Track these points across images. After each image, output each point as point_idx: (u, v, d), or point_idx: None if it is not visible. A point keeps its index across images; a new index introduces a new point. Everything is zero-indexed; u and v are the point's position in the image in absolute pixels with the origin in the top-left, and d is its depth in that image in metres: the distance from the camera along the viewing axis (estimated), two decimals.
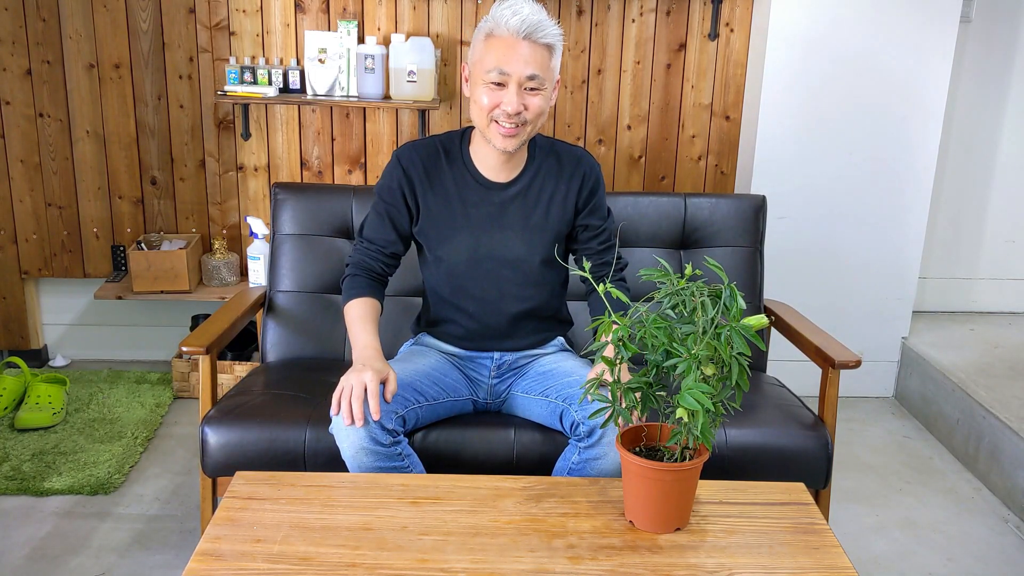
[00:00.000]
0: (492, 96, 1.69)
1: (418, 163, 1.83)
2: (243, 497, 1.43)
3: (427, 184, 1.83)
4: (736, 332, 1.26)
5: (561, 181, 1.86)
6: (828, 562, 1.31)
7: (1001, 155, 3.30)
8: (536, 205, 1.85)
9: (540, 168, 1.86)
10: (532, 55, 1.67)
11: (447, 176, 1.84)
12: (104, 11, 2.88)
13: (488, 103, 1.70)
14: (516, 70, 1.67)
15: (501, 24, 1.66)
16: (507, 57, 1.67)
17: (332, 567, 1.25)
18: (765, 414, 2.01)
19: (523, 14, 1.66)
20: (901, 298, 3.11)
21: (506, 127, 1.71)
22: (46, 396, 2.72)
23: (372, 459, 1.63)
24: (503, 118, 1.70)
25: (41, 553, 2.07)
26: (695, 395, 1.25)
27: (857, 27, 2.83)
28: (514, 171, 1.85)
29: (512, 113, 1.69)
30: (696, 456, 1.36)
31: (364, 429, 1.61)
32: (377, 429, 1.62)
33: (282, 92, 2.89)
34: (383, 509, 1.41)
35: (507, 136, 1.72)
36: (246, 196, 3.08)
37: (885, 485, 2.58)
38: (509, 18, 1.66)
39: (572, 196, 1.87)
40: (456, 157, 1.85)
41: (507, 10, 1.67)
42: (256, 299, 2.30)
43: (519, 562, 1.28)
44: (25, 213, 3.05)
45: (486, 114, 1.72)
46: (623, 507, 1.42)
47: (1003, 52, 3.18)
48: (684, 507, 1.38)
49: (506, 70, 1.67)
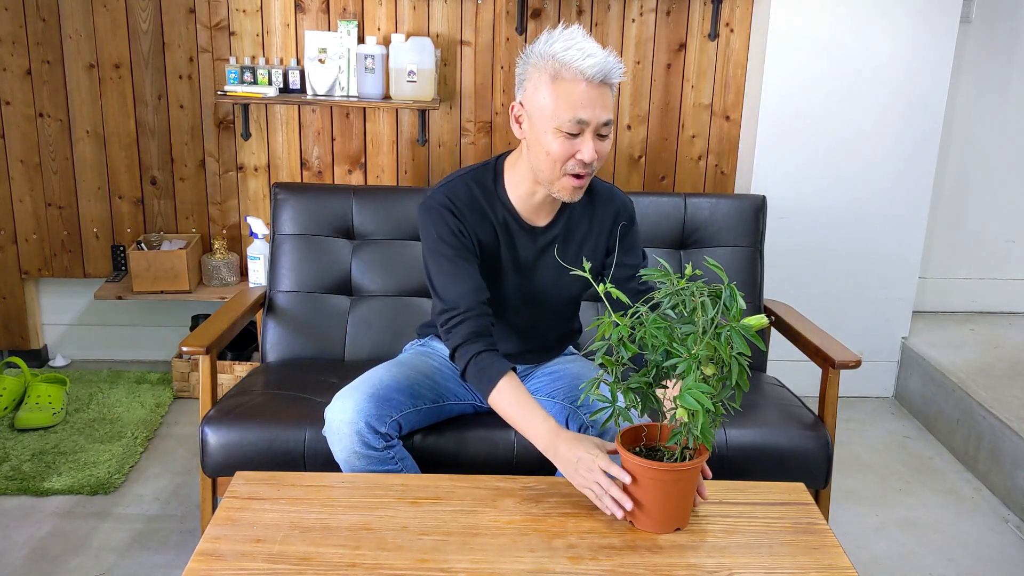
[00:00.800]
0: (566, 146, 1.55)
1: (461, 203, 1.68)
2: (243, 497, 1.43)
3: (476, 222, 1.70)
4: (736, 332, 1.25)
5: (595, 221, 1.79)
6: (828, 562, 1.31)
7: (1001, 155, 3.30)
8: (570, 246, 1.77)
9: (575, 209, 1.76)
10: (606, 99, 1.54)
11: (490, 216, 1.71)
12: (104, 11, 2.88)
13: (562, 153, 1.55)
14: (594, 117, 1.53)
15: (572, 67, 1.51)
16: (584, 104, 1.52)
17: (332, 567, 1.25)
18: (765, 414, 2.01)
19: (597, 56, 1.51)
20: (901, 298, 3.11)
21: (581, 177, 1.58)
22: (46, 396, 2.72)
23: (364, 463, 1.63)
24: (578, 168, 1.57)
25: (41, 553, 2.07)
26: (695, 395, 1.24)
27: (857, 27, 2.83)
28: (551, 213, 1.75)
29: (588, 162, 1.56)
30: (696, 456, 1.36)
31: (356, 433, 1.61)
32: (369, 433, 1.61)
33: (282, 92, 2.89)
34: (383, 509, 1.41)
35: (578, 188, 1.60)
36: (246, 196, 3.08)
37: (885, 485, 2.58)
38: (581, 61, 1.50)
39: (604, 235, 1.80)
40: (494, 198, 1.71)
41: (576, 51, 1.51)
42: (256, 299, 2.30)
43: (519, 562, 1.28)
44: (25, 213, 3.05)
45: (559, 165, 1.57)
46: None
47: (1003, 52, 3.18)
48: (684, 508, 1.38)
49: (584, 118, 1.52)
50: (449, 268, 1.64)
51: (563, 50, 1.52)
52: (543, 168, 1.59)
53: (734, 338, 1.25)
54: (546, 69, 1.53)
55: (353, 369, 2.20)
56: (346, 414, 1.62)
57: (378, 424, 1.62)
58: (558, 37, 1.54)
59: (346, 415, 1.62)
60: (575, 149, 1.55)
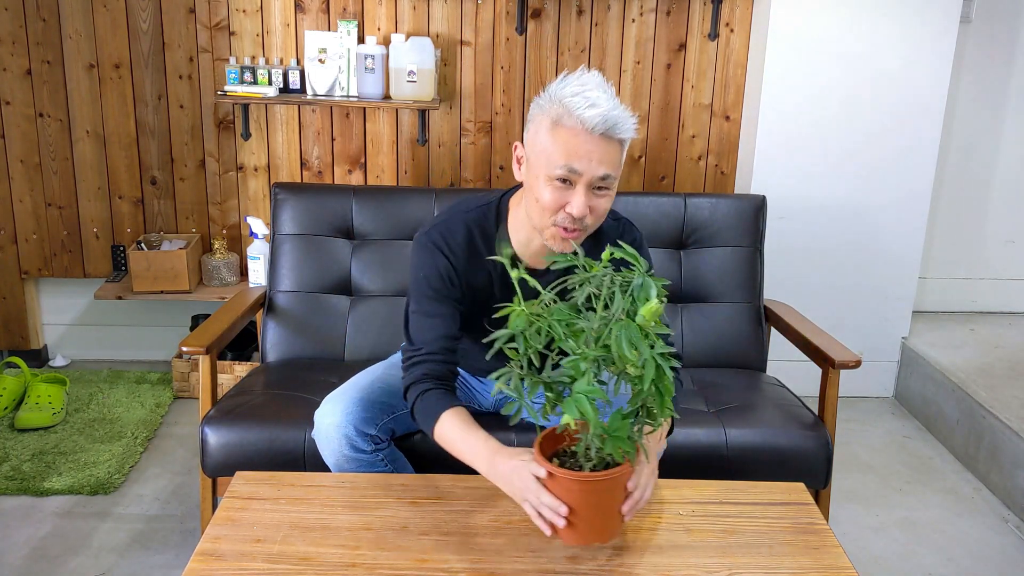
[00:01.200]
0: (557, 195, 1.46)
1: (457, 246, 1.62)
2: (243, 497, 1.43)
3: (470, 268, 1.64)
4: (627, 328, 1.06)
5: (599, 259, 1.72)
6: (828, 562, 1.31)
7: (1001, 155, 3.30)
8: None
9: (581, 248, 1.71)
10: (606, 154, 1.44)
11: (486, 263, 1.64)
12: (104, 11, 2.88)
13: (552, 203, 1.47)
14: (588, 170, 1.44)
15: (574, 114, 1.42)
16: (578, 154, 1.43)
17: (332, 567, 1.25)
18: (765, 414, 2.01)
19: (602, 107, 1.41)
20: (901, 298, 3.11)
21: (567, 230, 1.50)
22: (46, 396, 2.72)
23: (354, 465, 1.63)
24: (567, 222, 1.49)
25: (41, 553, 2.07)
26: (580, 404, 1.07)
27: (857, 27, 2.83)
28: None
29: (578, 217, 1.47)
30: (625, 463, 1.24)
31: (344, 437, 1.61)
32: (357, 436, 1.61)
33: (282, 92, 2.89)
34: (383, 509, 1.41)
35: (566, 240, 1.51)
36: (246, 196, 3.08)
37: (885, 485, 2.58)
38: (583, 110, 1.41)
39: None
40: (492, 242, 1.65)
41: (580, 99, 1.41)
42: (256, 299, 2.30)
43: (519, 562, 1.28)
44: (25, 213, 3.05)
45: (549, 215, 1.49)
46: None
47: (1003, 52, 3.18)
48: (601, 520, 1.27)
49: (577, 168, 1.43)
50: (426, 309, 1.61)
51: (570, 95, 1.43)
52: (534, 215, 1.53)
53: (623, 337, 1.07)
54: (549, 113, 1.45)
55: (353, 369, 2.20)
56: (334, 418, 1.63)
57: (366, 427, 1.62)
58: (571, 81, 1.45)
59: (334, 419, 1.62)
60: (565, 200, 1.46)
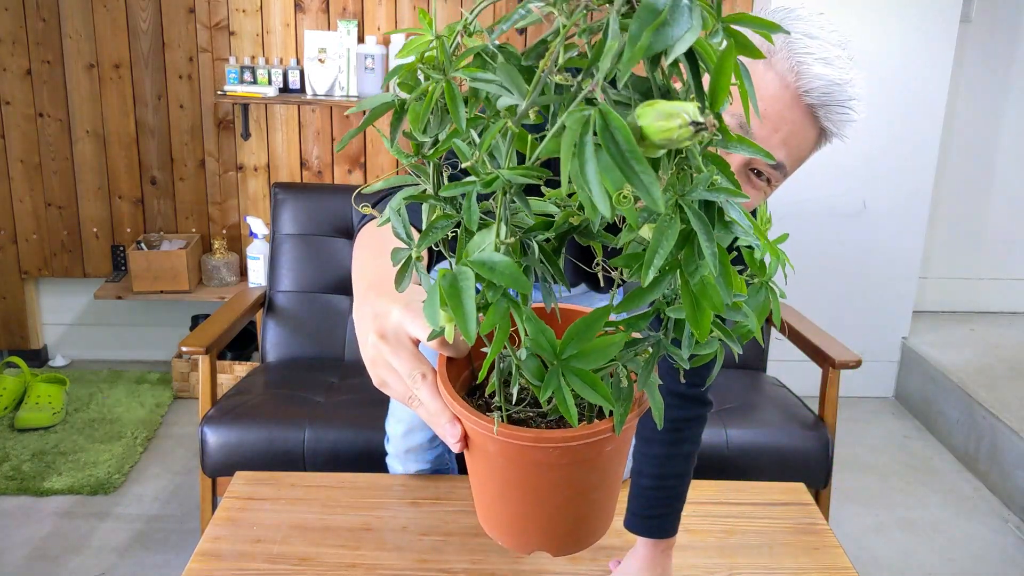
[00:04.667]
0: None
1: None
2: (243, 497, 1.43)
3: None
4: (594, 126, 0.41)
5: None
6: (828, 562, 1.31)
7: (1001, 155, 3.30)
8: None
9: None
10: (799, 134, 0.99)
11: None
12: (104, 11, 2.88)
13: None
14: (761, 140, 0.98)
15: (791, 59, 0.93)
16: (765, 112, 0.95)
17: (332, 567, 1.25)
18: (765, 414, 2.01)
19: (833, 70, 0.93)
20: (901, 298, 3.11)
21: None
22: (46, 396, 2.72)
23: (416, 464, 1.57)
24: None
25: (41, 553, 2.07)
26: (456, 288, 0.50)
27: (857, 27, 2.83)
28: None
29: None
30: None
31: (415, 464, 1.53)
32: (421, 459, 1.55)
33: (282, 92, 2.89)
34: (383, 509, 1.41)
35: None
36: (246, 196, 3.08)
37: (885, 485, 2.57)
38: (810, 62, 0.92)
39: None
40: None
41: (815, 44, 0.93)
42: (256, 299, 2.30)
43: (519, 562, 1.28)
44: (25, 213, 3.05)
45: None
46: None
47: (1003, 52, 3.18)
48: (558, 515, 0.66)
49: (750, 128, 0.96)
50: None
51: (801, 34, 0.95)
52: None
53: (580, 144, 0.41)
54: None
55: (353, 369, 2.20)
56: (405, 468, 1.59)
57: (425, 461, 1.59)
58: (810, 20, 0.96)
59: (404, 467, 1.59)
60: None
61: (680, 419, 1.18)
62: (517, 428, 0.59)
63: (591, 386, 0.54)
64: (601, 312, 0.53)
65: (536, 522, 0.66)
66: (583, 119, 0.40)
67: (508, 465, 0.62)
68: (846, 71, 0.91)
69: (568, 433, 0.58)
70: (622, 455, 0.65)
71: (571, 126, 0.40)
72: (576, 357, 0.54)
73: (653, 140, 0.41)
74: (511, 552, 1.30)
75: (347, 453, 1.85)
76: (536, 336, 0.54)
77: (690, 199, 0.46)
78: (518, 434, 0.58)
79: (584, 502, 0.64)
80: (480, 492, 0.67)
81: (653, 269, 0.45)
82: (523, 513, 0.66)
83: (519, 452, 0.60)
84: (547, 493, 0.63)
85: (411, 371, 0.64)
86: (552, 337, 0.54)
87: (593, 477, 0.63)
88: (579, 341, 0.54)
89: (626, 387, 0.58)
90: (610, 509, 0.68)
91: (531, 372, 0.56)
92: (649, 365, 0.58)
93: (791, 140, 0.95)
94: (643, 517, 1.20)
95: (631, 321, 0.56)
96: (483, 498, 0.67)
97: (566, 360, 0.54)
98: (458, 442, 0.62)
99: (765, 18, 0.46)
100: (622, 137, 0.40)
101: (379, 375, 0.67)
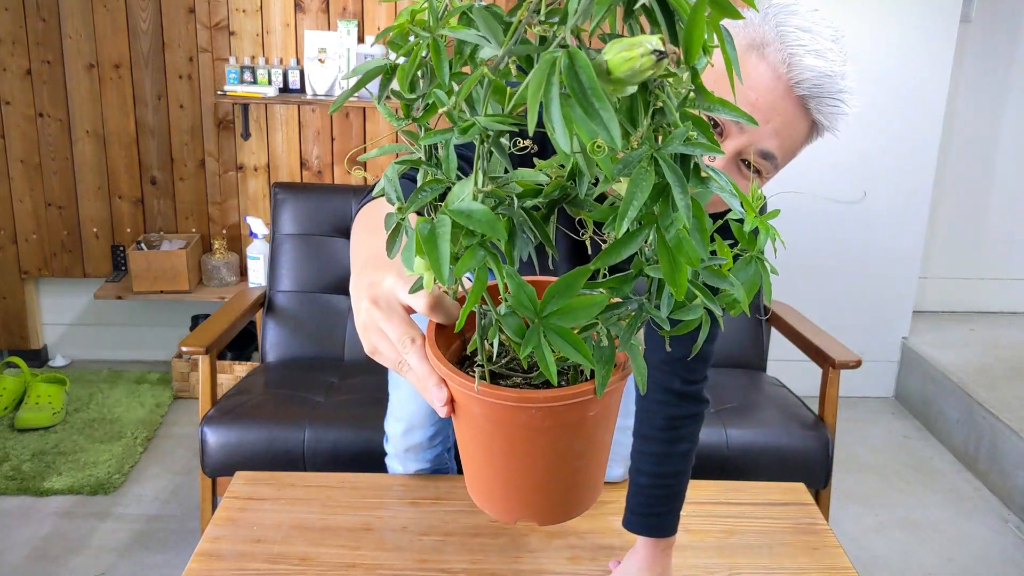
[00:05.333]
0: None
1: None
2: (243, 497, 1.43)
3: None
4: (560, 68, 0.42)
5: None
6: (828, 562, 1.31)
7: (1001, 155, 3.30)
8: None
9: None
10: (791, 124, 0.98)
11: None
12: (104, 11, 2.88)
13: None
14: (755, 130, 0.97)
15: (785, 50, 0.94)
16: (757, 103, 0.96)
17: (332, 567, 1.25)
18: (765, 414, 2.01)
19: (826, 62, 0.95)
20: (901, 298, 3.11)
21: None
22: (46, 396, 2.72)
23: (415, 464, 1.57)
24: None
25: (41, 553, 2.07)
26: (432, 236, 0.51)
27: (857, 27, 2.83)
28: None
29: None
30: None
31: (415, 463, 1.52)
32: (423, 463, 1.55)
33: (282, 92, 2.89)
34: (383, 509, 1.41)
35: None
36: (246, 196, 3.08)
37: (885, 485, 2.57)
38: (802, 53, 0.94)
39: None
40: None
41: (807, 36, 0.95)
42: (256, 299, 2.30)
43: (519, 562, 1.28)
44: (25, 213, 3.05)
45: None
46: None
47: (1003, 52, 3.18)
48: (545, 482, 0.65)
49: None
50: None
51: (795, 27, 0.95)
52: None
53: (547, 82, 0.42)
54: (754, 29, 0.96)
55: (353, 369, 2.20)
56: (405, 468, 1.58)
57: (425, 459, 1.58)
58: (805, 14, 0.97)
59: (405, 468, 1.58)
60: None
61: (677, 417, 1.18)
62: (499, 388, 0.59)
63: (572, 344, 0.53)
64: (583, 270, 0.53)
65: (521, 489, 0.66)
66: (551, 60, 0.41)
67: (493, 428, 0.62)
68: (838, 64, 0.94)
69: (550, 393, 0.58)
70: (608, 422, 0.64)
71: (539, 67, 0.41)
72: (557, 314, 0.53)
73: (617, 73, 0.41)
74: (511, 552, 1.30)
75: (347, 453, 1.85)
76: (517, 293, 0.54)
77: (665, 152, 0.46)
78: (500, 393, 0.58)
79: (570, 470, 0.64)
80: (467, 460, 0.67)
81: (627, 220, 0.45)
82: (509, 480, 0.65)
83: (502, 413, 0.60)
84: (533, 459, 0.63)
85: (401, 336, 0.65)
86: (533, 294, 0.54)
87: (578, 444, 0.62)
88: (560, 299, 0.54)
89: (607, 348, 0.57)
90: (597, 480, 0.67)
91: (511, 329, 0.55)
92: (631, 327, 0.57)
93: (783, 131, 0.96)
94: (642, 516, 1.20)
95: (614, 282, 0.56)
96: (470, 466, 0.67)
97: (547, 317, 0.53)
98: (444, 405, 0.63)
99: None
100: (586, 76, 0.40)
101: (371, 341, 0.68)
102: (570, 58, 0.41)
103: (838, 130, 0.99)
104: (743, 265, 0.59)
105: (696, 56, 0.44)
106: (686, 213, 0.46)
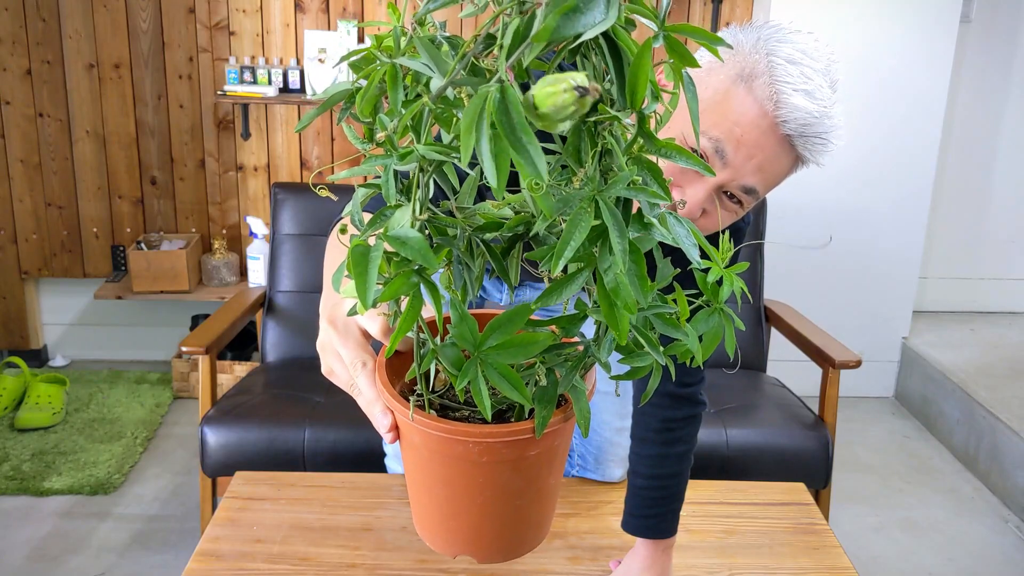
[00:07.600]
0: (675, 168, 0.98)
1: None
2: (243, 497, 1.43)
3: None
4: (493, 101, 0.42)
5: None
6: (828, 562, 1.31)
7: (1001, 155, 3.30)
8: None
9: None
10: (774, 160, 0.98)
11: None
12: (104, 11, 2.88)
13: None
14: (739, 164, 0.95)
15: (773, 85, 0.92)
16: (742, 138, 0.94)
17: (332, 567, 1.25)
18: (765, 414, 2.01)
19: (815, 101, 0.91)
20: (901, 298, 3.11)
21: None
22: (46, 396, 2.72)
23: None
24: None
25: (41, 553, 2.07)
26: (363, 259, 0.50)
27: (857, 27, 2.83)
28: None
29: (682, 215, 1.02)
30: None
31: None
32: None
33: (282, 92, 2.89)
34: (383, 509, 1.41)
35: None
36: (246, 196, 3.08)
37: (885, 485, 2.58)
38: (789, 91, 0.91)
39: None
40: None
41: (795, 70, 0.92)
42: (256, 299, 2.30)
43: (519, 562, 1.28)
44: (25, 213, 3.05)
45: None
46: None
47: (1003, 52, 3.18)
48: (521, 521, 0.65)
49: (727, 152, 0.94)
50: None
51: (784, 59, 0.93)
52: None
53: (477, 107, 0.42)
54: (742, 60, 0.94)
55: None
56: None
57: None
58: (795, 40, 0.95)
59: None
60: (679, 183, 0.96)
61: (672, 419, 1.18)
62: (435, 418, 0.58)
63: (509, 380, 0.53)
64: (524, 307, 0.53)
65: (461, 524, 0.64)
66: (484, 94, 0.41)
67: (433, 459, 0.61)
68: (825, 102, 0.90)
69: (487, 429, 0.56)
70: (553, 464, 0.62)
71: (473, 101, 0.41)
72: (496, 349, 0.53)
73: (542, 109, 0.41)
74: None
75: (347, 453, 1.85)
76: (459, 325, 0.53)
77: (607, 195, 0.46)
78: (435, 424, 0.57)
79: (509, 508, 0.63)
80: (411, 490, 0.66)
81: (563, 260, 0.45)
82: (449, 513, 0.64)
83: (439, 444, 0.59)
84: (471, 493, 0.61)
85: (353, 359, 0.67)
86: (474, 327, 0.53)
87: (517, 481, 0.61)
88: (501, 333, 0.53)
89: (550, 387, 0.56)
90: (541, 521, 0.65)
91: (448, 360, 0.55)
92: (575, 369, 0.56)
93: (766, 166, 0.95)
94: (640, 517, 1.20)
95: (564, 322, 0.55)
96: (413, 496, 0.66)
97: (486, 352, 0.53)
98: (389, 431, 0.62)
99: (712, 32, 0.49)
100: (515, 111, 0.41)
101: (327, 361, 0.70)
102: (501, 93, 0.41)
103: (822, 164, 0.98)
104: (704, 317, 0.59)
105: (641, 100, 0.44)
106: (622, 258, 0.46)
